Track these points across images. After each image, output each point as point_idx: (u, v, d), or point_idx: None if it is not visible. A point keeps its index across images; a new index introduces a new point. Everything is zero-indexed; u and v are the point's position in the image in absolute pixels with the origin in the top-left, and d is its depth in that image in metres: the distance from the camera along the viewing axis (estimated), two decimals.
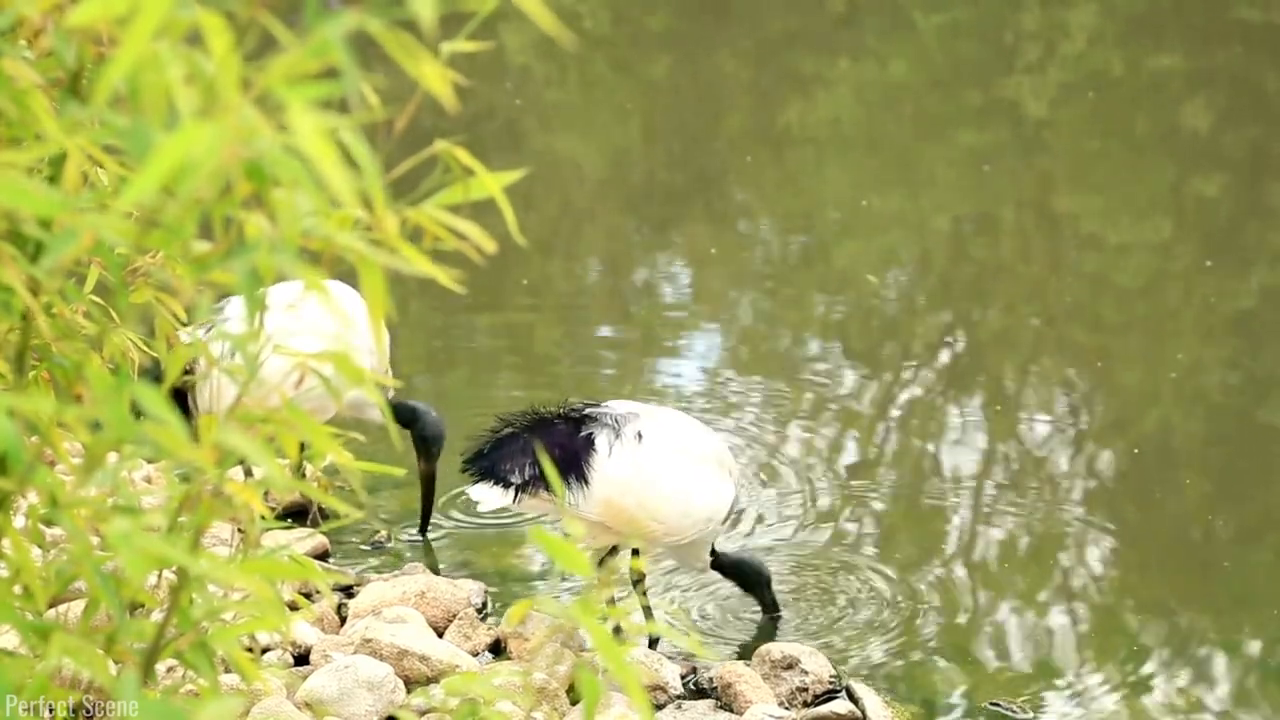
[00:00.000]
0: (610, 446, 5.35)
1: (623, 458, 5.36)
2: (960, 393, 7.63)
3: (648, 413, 5.50)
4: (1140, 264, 9.12)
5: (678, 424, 5.52)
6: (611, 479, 5.36)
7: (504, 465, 5.36)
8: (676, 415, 5.62)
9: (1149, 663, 5.71)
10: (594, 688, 2.34)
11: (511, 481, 5.36)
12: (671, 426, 5.49)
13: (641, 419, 5.43)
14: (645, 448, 5.39)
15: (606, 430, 5.37)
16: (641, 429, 5.40)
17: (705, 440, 5.54)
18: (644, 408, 5.55)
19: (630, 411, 5.46)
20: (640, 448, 5.38)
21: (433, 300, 8.33)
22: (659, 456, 5.40)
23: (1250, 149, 10.88)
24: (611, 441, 5.36)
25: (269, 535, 4.94)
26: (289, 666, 5.31)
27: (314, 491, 2.60)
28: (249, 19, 2.13)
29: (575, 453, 5.36)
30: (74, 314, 2.66)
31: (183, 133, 1.93)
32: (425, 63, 2.15)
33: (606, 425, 5.38)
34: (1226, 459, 7.13)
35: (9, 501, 2.48)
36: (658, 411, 5.58)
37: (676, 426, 5.50)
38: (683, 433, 5.49)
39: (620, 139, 11.42)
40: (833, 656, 5.57)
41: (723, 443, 5.68)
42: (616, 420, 5.39)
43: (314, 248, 2.26)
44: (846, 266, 9.18)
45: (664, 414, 5.57)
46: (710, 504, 5.49)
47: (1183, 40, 12.99)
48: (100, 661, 2.41)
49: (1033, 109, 11.56)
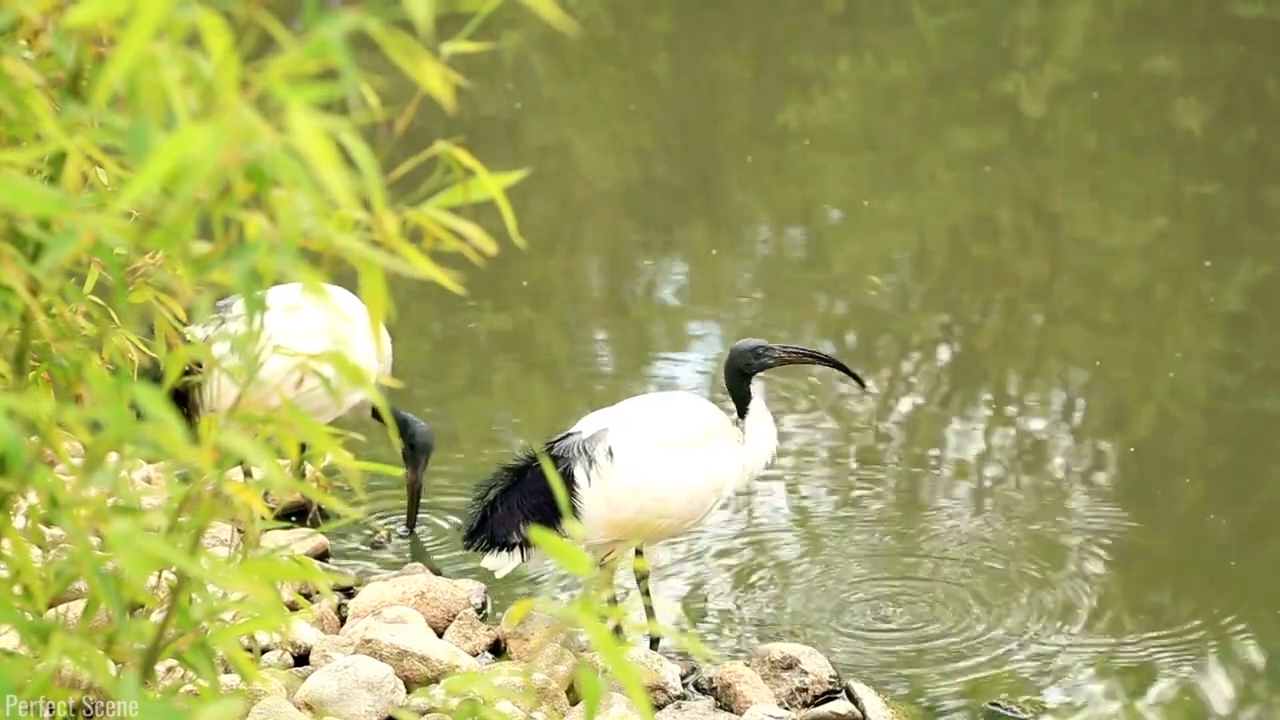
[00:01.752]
0: (588, 475, 5.43)
1: (601, 480, 5.43)
2: (959, 392, 7.63)
3: (618, 417, 5.52)
4: (1139, 264, 9.12)
5: (648, 420, 5.52)
6: (600, 502, 5.43)
7: (500, 531, 5.48)
8: (646, 407, 5.60)
9: (1149, 663, 5.71)
10: (594, 688, 2.34)
11: (514, 543, 5.49)
12: (641, 427, 5.49)
13: (610, 432, 5.47)
14: (620, 461, 5.44)
15: (579, 460, 5.44)
16: (611, 444, 5.45)
17: (681, 420, 5.52)
18: (612, 414, 5.56)
19: (599, 429, 5.49)
20: (615, 463, 5.44)
21: (432, 300, 8.33)
22: (637, 463, 5.45)
23: (1248, 149, 10.88)
24: (587, 469, 5.43)
25: (269, 535, 4.94)
26: (289, 667, 5.31)
27: (313, 492, 2.61)
28: (248, 19, 2.13)
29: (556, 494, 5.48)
30: (74, 314, 2.66)
31: (181, 133, 1.93)
32: (424, 63, 2.15)
33: (576, 456, 5.45)
34: (1225, 458, 7.13)
35: (9, 502, 2.48)
36: (628, 409, 5.58)
37: (646, 424, 5.50)
38: (654, 427, 5.49)
39: (620, 139, 11.42)
40: (832, 657, 5.57)
41: (703, 405, 5.62)
42: (584, 447, 5.46)
43: (314, 248, 2.26)
44: (846, 266, 9.18)
45: (632, 412, 5.56)
46: (710, 479, 5.50)
47: (1181, 38, 12.99)
48: (100, 662, 2.41)
49: (1033, 109, 11.56)
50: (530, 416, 7.48)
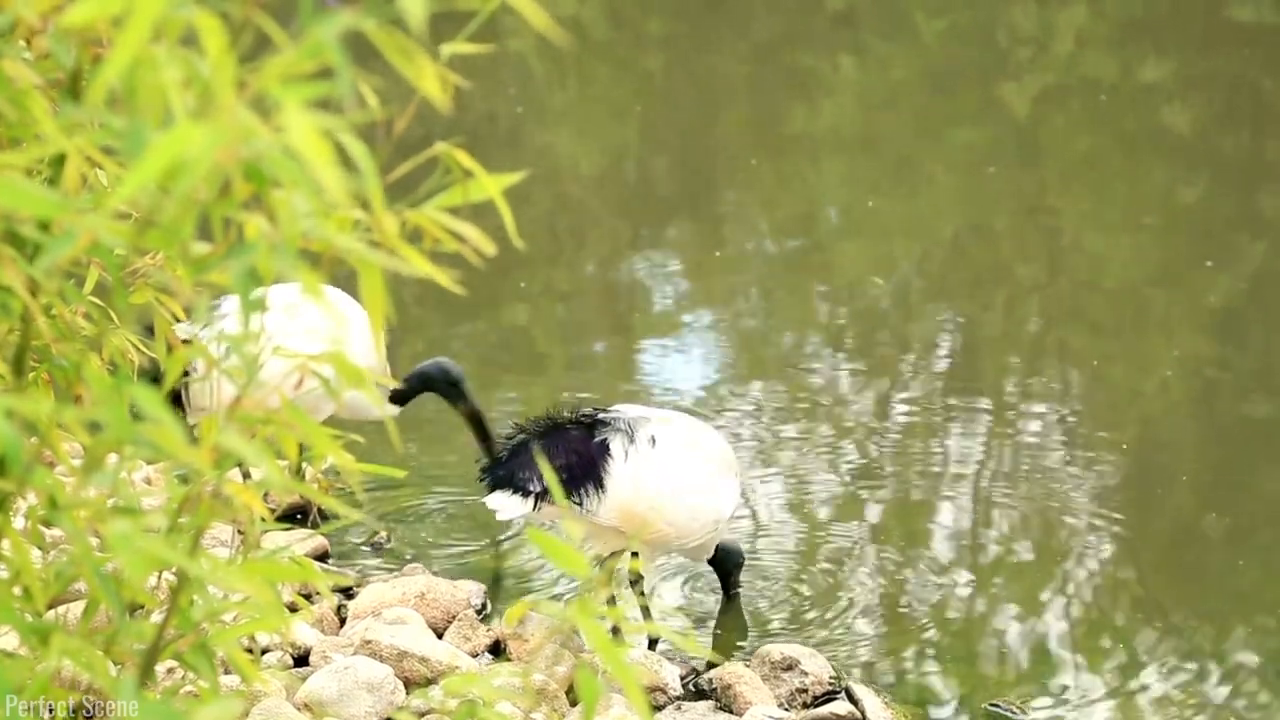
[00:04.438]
0: (625, 451, 5.35)
1: (638, 463, 5.36)
2: (957, 393, 7.63)
3: (657, 417, 5.51)
4: (1137, 265, 9.13)
5: (687, 427, 5.53)
6: (627, 484, 5.36)
7: (522, 474, 5.34)
8: (683, 418, 5.63)
9: (1147, 663, 5.71)
10: (593, 688, 2.34)
11: (530, 490, 5.34)
12: (681, 430, 5.50)
13: (653, 423, 5.44)
14: (660, 452, 5.40)
15: (620, 435, 5.37)
16: (654, 433, 5.40)
17: (712, 442, 5.55)
18: (652, 411, 5.55)
19: (641, 415, 5.46)
20: (655, 452, 5.39)
21: (431, 301, 8.33)
22: (673, 461, 5.42)
23: (1245, 152, 10.88)
24: (626, 446, 5.36)
25: (269, 536, 4.94)
26: (289, 668, 5.31)
27: (313, 493, 2.61)
28: (244, 19, 2.13)
29: (591, 458, 5.35)
30: (73, 315, 2.66)
31: (176, 132, 1.93)
32: (421, 64, 2.15)
33: (620, 430, 5.37)
34: (1222, 458, 7.13)
35: (9, 503, 2.48)
36: (665, 415, 5.58)
37: (686, 430, 5.51)
38: (692, 436, 5.50)
39: (619, 140, 11.42)
40: (832, 657, 5.57)
41: (725, 441, 5.69)
42: (629, 425, 5.39)
43: (314, 249, 2.26)
44: (846, 268, 9.18)
45: (672, 417, 5.58)
46: (718, 506, 5.51)
47: (1177, 42, 12.99)
48: (100, 662, 2.41)
49: (1031, 111, 11.56)
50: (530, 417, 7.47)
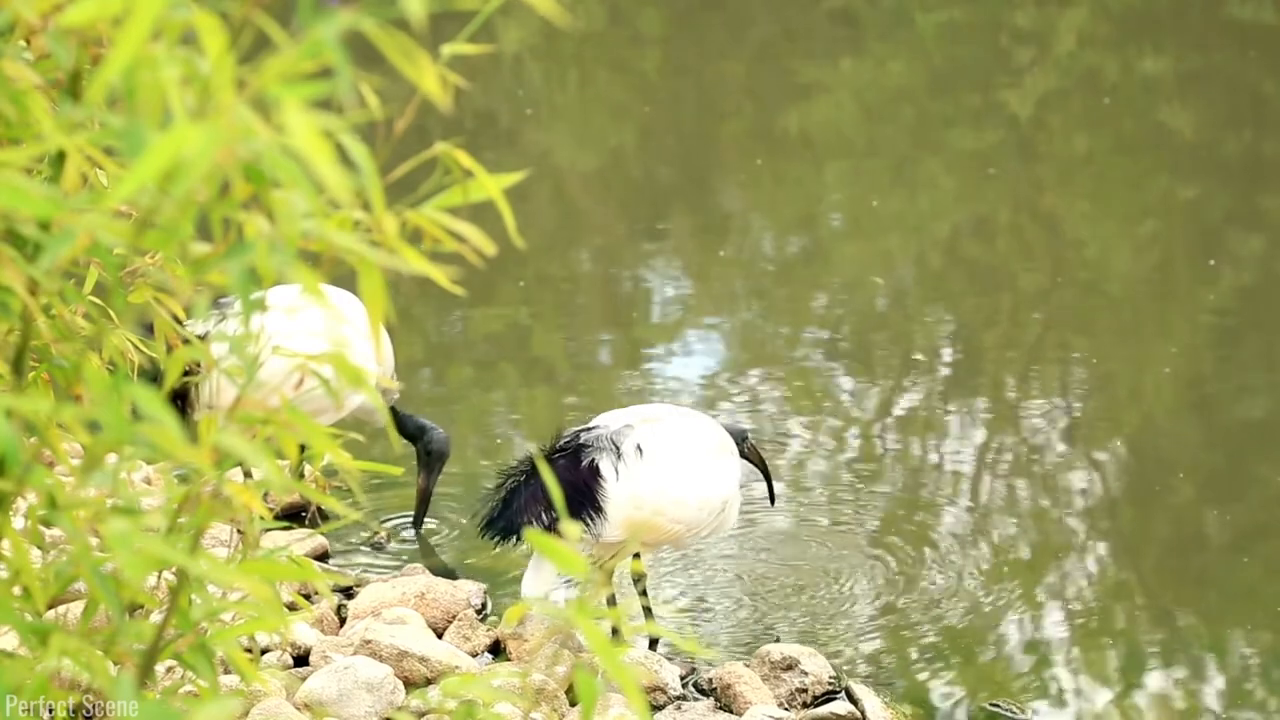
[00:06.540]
0: (615, 469, 5.35)
1: (630, 477, 5.35)
2: (957, 394, 7.63)
3: (640, 417, 5.49)
4: (1137, 265, 9.12)
5: (672, 422, 5.51)
6: (625, 500, 5.35)
7: (521, 519, 5.33)
8: (668, 411, 5.61)
9: (1147, 663, 5.71)
10: (591, 689, 2.34)
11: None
12: (668, 427, 5.48)
13: (636, 429, 5.42)
14: (648, 459, 5.39)
15: (606, 453, 5.36)
16: (639, 440, 5.39)
17: (701, 430, 5.53)
18: (634, 413, 5.54)
19: (623, 424, 5.44)
20: (644, 460, 5.38)
21: (431, 300, 8.33)
22: (664, 463, 5.40)
23: (1245, 151, 10.88)
24: (614, 463, 5.35)
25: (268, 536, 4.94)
26: (288, 668, 5.31)
27: (313, 492, 2.60)
28: (244, 19, 2.13)
29: (583, 485, 5.35)
30: (73, 315, 2.66)
31: (176, 132, 1.92)
32: (421, 63, 2.15)
33: (604, 448, 5.36)
34: (1222, 459, 7.13)
35: (8, 502, 2.48)
36: (650, 413, 5.56)
37: (673, 425, 5.50)
38: (680, 430, 5.48)
39: (619, 140, 11.42)
40: (832, 657, 5.57)
41: (714, 422, 5.65)
42: (612, 439, 5.38)
43: (314, 249, 2.25)
44: (846, 268, 9.18)
45: (658, 414, 5.56)
46: (722, 491, 5.49)
47: (1177, 42, 12.98)
48: (99, 662, 2.41)
49: (1032, 112, 11.56)
50: (530, 417, 7.48)
